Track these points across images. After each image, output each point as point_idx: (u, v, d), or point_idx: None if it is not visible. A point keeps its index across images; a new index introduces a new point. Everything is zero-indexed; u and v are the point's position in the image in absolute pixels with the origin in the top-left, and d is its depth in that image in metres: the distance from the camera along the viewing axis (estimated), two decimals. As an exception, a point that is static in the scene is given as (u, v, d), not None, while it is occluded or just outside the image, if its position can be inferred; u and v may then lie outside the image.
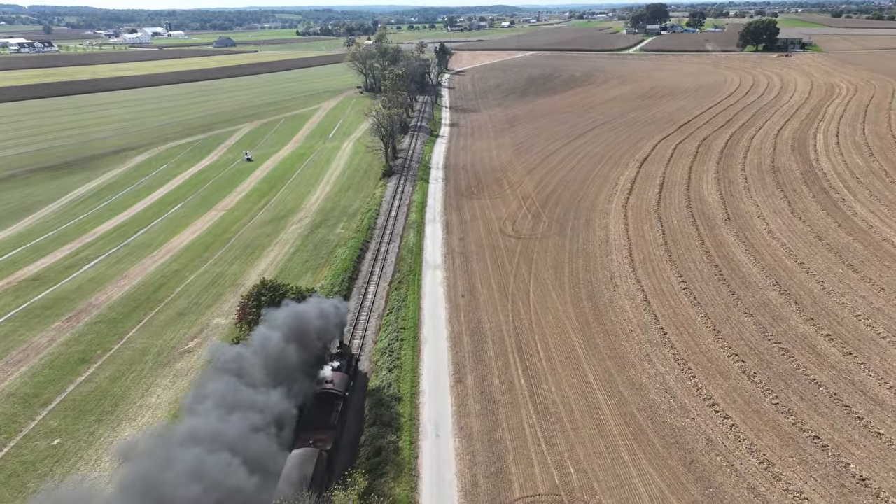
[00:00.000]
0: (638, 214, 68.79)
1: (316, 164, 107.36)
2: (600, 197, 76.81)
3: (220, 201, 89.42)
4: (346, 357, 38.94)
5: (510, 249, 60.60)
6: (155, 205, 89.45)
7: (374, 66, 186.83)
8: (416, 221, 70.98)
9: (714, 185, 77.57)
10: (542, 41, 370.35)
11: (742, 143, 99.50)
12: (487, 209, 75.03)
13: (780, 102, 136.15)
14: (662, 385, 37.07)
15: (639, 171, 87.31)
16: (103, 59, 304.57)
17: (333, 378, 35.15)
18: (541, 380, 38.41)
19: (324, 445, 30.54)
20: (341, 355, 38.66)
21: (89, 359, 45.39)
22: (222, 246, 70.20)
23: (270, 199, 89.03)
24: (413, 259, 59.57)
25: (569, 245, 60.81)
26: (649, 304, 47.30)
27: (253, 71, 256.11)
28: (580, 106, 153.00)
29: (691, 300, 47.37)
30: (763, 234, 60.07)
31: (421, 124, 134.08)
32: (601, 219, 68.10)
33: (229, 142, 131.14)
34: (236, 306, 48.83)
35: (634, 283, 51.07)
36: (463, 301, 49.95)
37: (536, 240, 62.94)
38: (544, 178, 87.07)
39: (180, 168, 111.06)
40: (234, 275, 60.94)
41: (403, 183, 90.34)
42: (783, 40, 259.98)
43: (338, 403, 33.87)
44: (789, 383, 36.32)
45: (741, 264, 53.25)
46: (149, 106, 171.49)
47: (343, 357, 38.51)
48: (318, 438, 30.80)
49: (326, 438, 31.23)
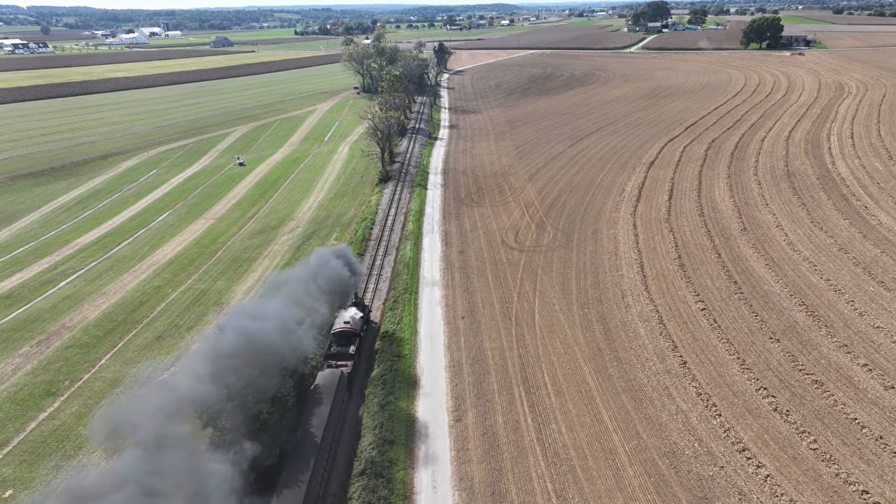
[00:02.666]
0: (648, 224, 64.99)
1: (310, 169, 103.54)
2: (607, 204, 73.00)
3: (209, 209, 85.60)
4: (361, 306, 46.58)
5: (513, 263, 56.79)
6: (141, 213, 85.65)
7: (372, 67, 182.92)
8: (413, 232, 67.16)
9: (727, 192, 73.78)
10: (543, 39, 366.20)
11: (753, 146, 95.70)
12: (488, 218, 71.23)
13: (789, 102, 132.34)
14: (685, 425, 33.29)
15: (646, 177, 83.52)
16: (98, 59, 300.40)
17: (351, 320, 42.55)
18: (549, 418, 34.63)
19: (345, 369, 38.01)
20: (356, 304, 46.33)
21: (56, 391, 41.63)
22: (209, 259, 66.41)
23: (262, 206, 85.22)
24: (409, 275, 55.76)
25: (575, 259, 57.01)
26: (665, 327, 43.51)
27: (249, 71, 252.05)
28: (582, 106, 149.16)
29: (711, 323, 43.57)
30: (783, 246, 56.26)
31: (419, 126, 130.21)
32: (609, 229, 64.29)
33: (221, 146, 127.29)
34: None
35: (648, 302, 47.28)
36: (463, 323, 46.17)
37: (541, 252, 59.13)
38: (547, 184, 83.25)
39: (170, 174, 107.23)
40: (218, 292, 57.15)
41: (400, 189, 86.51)
42: (787, 38, 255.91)
43: (354, 339, 41.57)
44: (827, 423, 32.55)
45: (762, 281, 49.45)
46: (140, 108, 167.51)
47: (358, 305, 46.30)
48: (340, 364, 38.64)
49: (347, 364, 38.97)
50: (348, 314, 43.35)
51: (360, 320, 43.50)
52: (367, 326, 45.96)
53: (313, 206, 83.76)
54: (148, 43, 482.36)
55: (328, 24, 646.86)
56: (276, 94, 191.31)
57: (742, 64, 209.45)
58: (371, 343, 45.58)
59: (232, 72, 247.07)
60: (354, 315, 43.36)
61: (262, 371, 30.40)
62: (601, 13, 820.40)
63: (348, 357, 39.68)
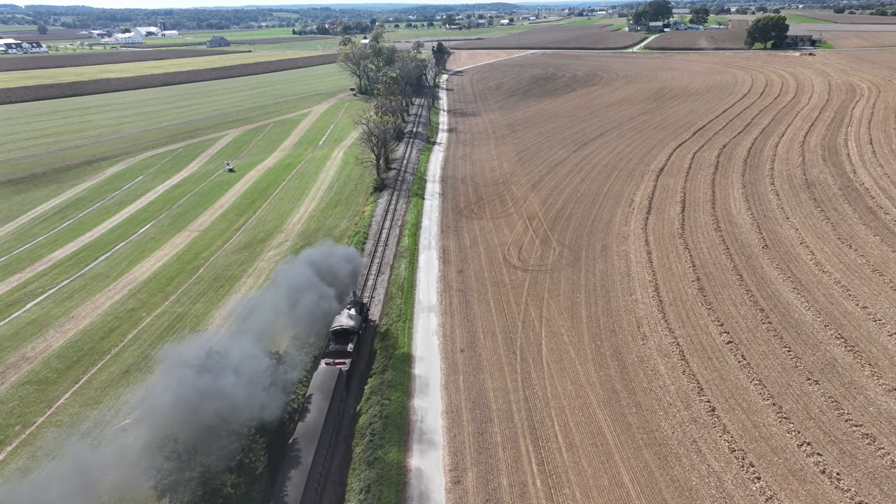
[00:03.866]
0: (661, 239, 60.42)
1: (302, 176, 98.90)
2: (616, 217, 68.43)
3: (194, 220, 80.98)
4: (359, 305, 47.10)
5: (517, 285, 52.22)
6: (122, 224, 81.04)
7: (369, 68, 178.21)
8: (408, 248, 62.56)
9: (743, 203, 69.23)
10: (543, 39, 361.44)
11: (766, 152, 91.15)
12: (489, 232, 66.64)
13: (799, 105, 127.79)
14: (719, 491, 28.76)
15: (656, 185, 78.98)
16: (91, 60, 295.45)
17: (349, 318, 42.77)
18: (562, 480, 30.09)
19: (343, 367, 38.16)
20: (354, 303, 46.80)
21: (4, 438, 37.04)
22: (189, 276, 61.82)
23: (250, 217, 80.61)
24: (404, 299, 51.16)
25: (584, 280, 52.44)
26: (688, 364, 38.95)
27: (244, 72, 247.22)
28: (586, 109, 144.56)
29: (739, 359, 39.02)
30: (810, 266, 51.72)
31: (417, 130, 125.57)
32: (619, 245, 59.71)
33: (212, 150, 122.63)
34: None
35: (666, 333, 42.73)
36: (462, 358, 41.59)
37: (546, 272, 54.57)
38: (552, 194, 78.68)
39: (156, 180, 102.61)
40: (196, 316, 52.57)
41: (396, 199, 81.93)
42: (792, 37, 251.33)
43: (353, 337, 41.86)
44: (887, 490, 28.02)
45: (791, 308, 44.90)
46: (131, 111, 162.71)
47: (356, 304, 46.71)
48: (338, 361, 38.80)
49: (345, 362, 39.02)
50: (346, 312, 44.03)
51: (359, 318, 44.12)
52: (365, 324, 46.81)
53: (304, 216, 79.14)
54: (144, 43, 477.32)
55: (326, 24, 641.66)
56: (270, 96, 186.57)
57: (747, 64, 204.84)
58: (370, 341, 46.36)
59: (227, 72, 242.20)
60: (353, 313, 44.02)
61: (214, 433, 25.77)
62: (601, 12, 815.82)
63: (346, 355, 40.10)
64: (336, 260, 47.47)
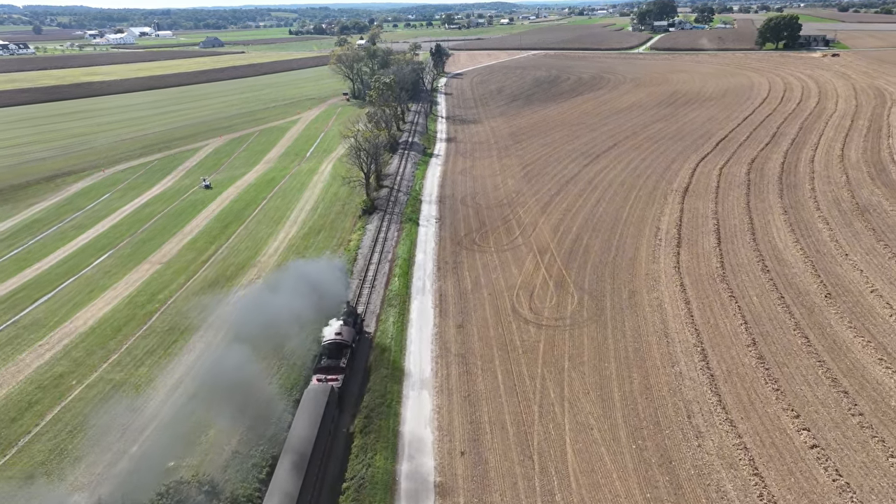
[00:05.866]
0: (698, 283, 50.72)
1: (285, 194, 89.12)
2: (641, 250, 58.71)
3: (158, 249, 71.23)
4: (353, 316, 45.01)
5: (530, 348, 42.50)
6: (76, 254, 71.30)
7: (363, 71, 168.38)
8: (398, 293, 52.80)
9: (788, 234, 59.54)
10: (545, 39, 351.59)
11: (802, 168, 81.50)
12: (494, 270, 56.90)
13: (826, 111, 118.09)
14: None
15: (682, 209, 69.32)
16: (77, 62, 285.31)
17: (342, 331, 40.96)
18: None
19: (335, 383, 36.40)
20: (348, 314, 44.55)
21: None
22: (139, 327, 52.12)
23: (221, 245, 70.85)
24: (391, 370, 41.42)
25: (612, 341, 42.72)
26: (763, 481, 29.26)
27: (234, 75, 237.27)
28: (594, 115, 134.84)
29: (832, 475, 29.32)
30: (891, 324, 42.00)
31: (413, 140, 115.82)
32: (650, 291, 49.99)
33: (189, 163, 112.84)
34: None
35: (727, 428, 33.04)
36: (462, 465, 31.90)
37: (565, 329, 44.86)
38: (564, 219, 68.98)
39: (124, 199, 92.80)
40: (136, 385, 42.84)
41: (387, 224, 72.25)
42: (805, 37, 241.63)
43: (346, 351, 39.93)
44: None
45: (884, 390, 35.18)
46: (107, 118, 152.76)
47: (350, 315, 44.45)
48: (330, 378, 36.90)
49: (338, 378, 37.28)
50: (339, 324, 42.18)
51: (352, 330, 42.46)
52: (359, 337, 44.79)
53: (282, 246, 69.40)
54: (136, 43, 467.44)
55: (323, 24, 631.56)
56: (259, 101, 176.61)
57: (761, 66, 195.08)
58: (364, 355, 43.85)
59: (215, 75, 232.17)
60: (346, 325, 42.18)
61: None
62: (601, 11, 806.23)
63: (339, 371, 38.49)
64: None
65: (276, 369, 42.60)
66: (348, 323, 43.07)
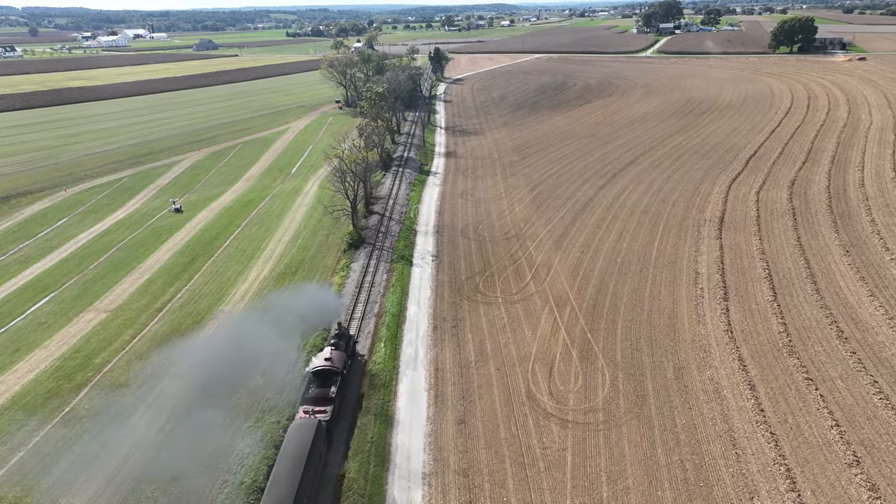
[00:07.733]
0: (761, 357, 40.28)
1: (263, 220, 78.69)
2: (681, 305, 48.31)
3: (108, 292, 60.78)
4: (345, 338, 41.50)
5: (553, 464, 32.03)
6: (11, 298, 60.76)
7: (357, 77, 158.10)
8: (385, 366, 42.27)
9: (858, 283, 49.18)
10: (547, 42, 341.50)
11: (852, 193, 71.24)
12: (503, 331, 46.48)
13: (861, 123, 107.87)
14: None
15: (722, 247, 58.98)
16: (63, 65, 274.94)
17: (332, 356, 37.76)
18: None
19: (323, 417, 33.29)
20: (339, 336, 41.19)
21: None
22: (65, 403, 41.90)
23: (182, 287, 60.44)
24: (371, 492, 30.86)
25: (664, 454, 32.24)
26: None
27: (223, 79, 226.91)
28: (606, 125, 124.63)
29: None
30: None
31: (408, 156, 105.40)
32: (701, 369, 39.51)
33: (163, 180, 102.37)
34: None
35: None
36: None
37: (598, 429, 34.43)
38: (583, 259, 58.59)
39: (82, 224, 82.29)
40: None
41: (376, 263, 61.88)
42: (821, 40, 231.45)
43: (336, 379, 36.76)
44: None
45: None
46: (79, 128, 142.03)
47: (341, 338, 41.03)
48: (317, 410, 33.87)
49: (326, 410, 34.10)
50: (329, 349, 39.44)
51: (343, 355, 39.40)
52: (351, 361, 41.40)
53: (252, 287, 59.04)
54: (129, 46, 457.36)
55: (321, 26, 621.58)
56: (246, 109, 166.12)
57: (778, 71, 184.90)
58: (357, 383, 40.40)
59: (204, 80, 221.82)
60: (336, 350, 39.23)
61: None
62: (603, 13, 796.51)
63: (328, 401, 35.44)
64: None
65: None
66: (339, 347, 40.05)
